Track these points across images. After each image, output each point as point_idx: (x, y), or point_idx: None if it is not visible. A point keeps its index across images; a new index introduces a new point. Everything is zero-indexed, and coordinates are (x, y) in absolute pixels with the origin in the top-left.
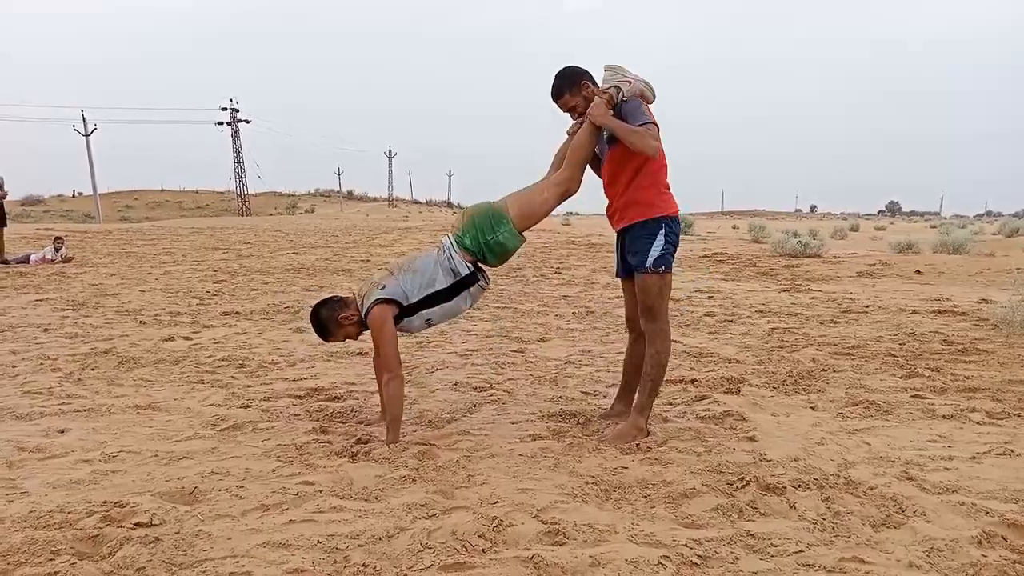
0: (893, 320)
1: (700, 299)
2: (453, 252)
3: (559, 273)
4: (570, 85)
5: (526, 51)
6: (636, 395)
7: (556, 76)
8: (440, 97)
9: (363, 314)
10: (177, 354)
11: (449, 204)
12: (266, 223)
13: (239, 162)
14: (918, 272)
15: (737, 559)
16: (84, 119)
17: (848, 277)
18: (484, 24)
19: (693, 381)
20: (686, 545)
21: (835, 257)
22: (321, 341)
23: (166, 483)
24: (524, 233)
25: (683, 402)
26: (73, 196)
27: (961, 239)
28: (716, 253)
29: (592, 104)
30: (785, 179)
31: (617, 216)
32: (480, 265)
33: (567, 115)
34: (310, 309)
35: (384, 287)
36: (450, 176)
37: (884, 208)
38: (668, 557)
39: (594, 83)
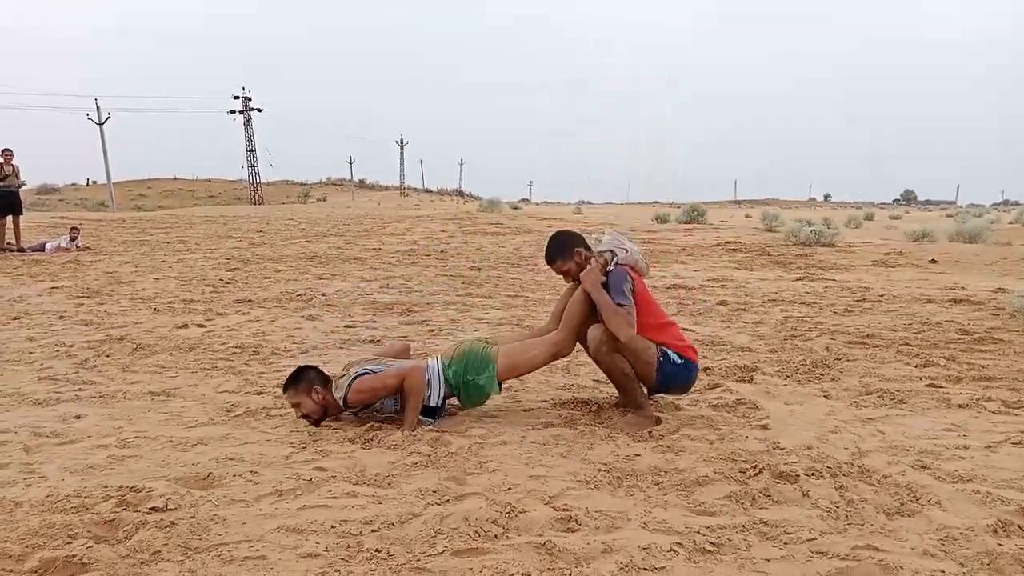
0: (908, 309)
1: (713, 287)
2: (436, 375)
3: None
4: (562, 252)
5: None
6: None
7: (550, 241)
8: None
9: (341, 400)
10: (191, 341)
11: (460, 193)
12: (278, 211)
13: (251, 150)
14: (933, 261)
15: (750, 546)
16: (98, 107)
17: (862, 266)
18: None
19: (706, 369)
20: (699, 532)
21: (849, 246)
22: (282, 389)
23: (181, 468)
24: (502, 384)
25: (696, 390)
26: (87, 185)
27: (977, 228)
28: (729, 242)
29: (585, 271)
30: (799, 167)
31: None
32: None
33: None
34: (300, 366)
35: (359, 371)
36: (461, 165)
37: (899, 197)
38: (680, 544)
39: (587, 248)
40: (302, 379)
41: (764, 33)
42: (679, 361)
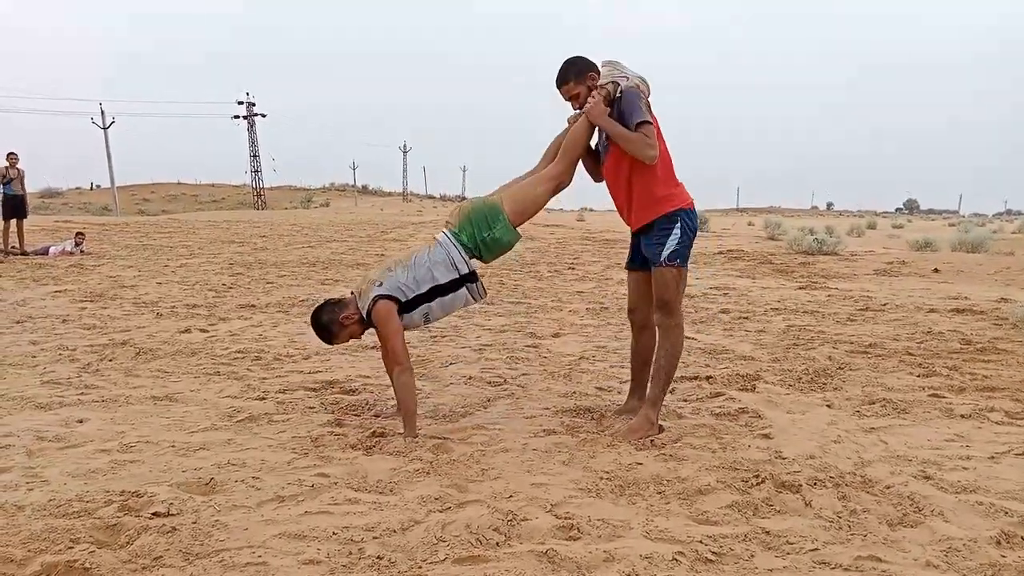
0: (911, 319)
1: (715, 296)
2: (452, 248)
3: (573, 268)
4: (576, 73)
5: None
6: (648, 388)
7: (564, 62)
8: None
9: (364, 312)
10: (194, 346)
11: (463, 199)
12: (281, 217)
13: (255, 156)
14: (936, 270)
15: (752, 556)
16: (103, 112)
17: (865, 275)
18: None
19: (708, 378)
20: (701, 542)
21: (852, 255)
22: (327, 345)
23: (183, 473)
24: (519, 228)
25: (698, 399)
26: (91, 189)
27: (980, 237)
28: (731, 250)
29: (590, 102)
30: (801, 176)
31: (632, 218)
32: (475, 271)
33: (567, 104)
34: (310, 317)
35: (381, 284)
36: (464, 170)
37: (902, 206)
38: (683, 553)
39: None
40: (331, 324)
41: (762, 33)
42: (677, 236)
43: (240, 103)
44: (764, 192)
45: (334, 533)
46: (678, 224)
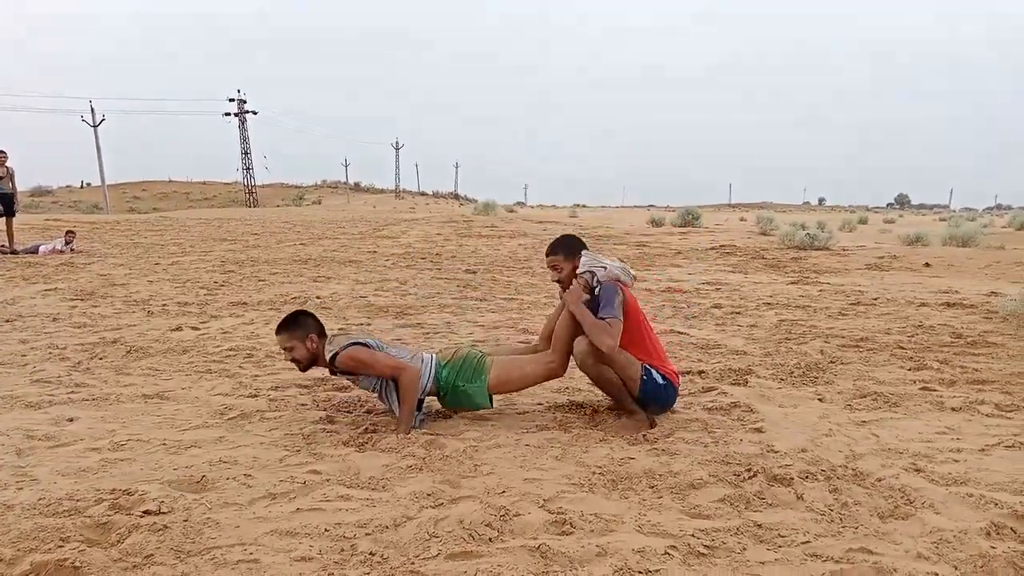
0: (902, 313)
1: (707, 291)
2: (429, 371)
3: None
4: (567, 252)
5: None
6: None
7: (559, 238)
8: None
9: (328, 356)
10: (185, 344)
11: (456, 196)
12: (273, 214)
13: (246, 153)
14: (927, 265)
15: (744, 549)
16: (92, 110)
17: (856, 270)
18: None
19: (700, 372)
20: (693, 535)
21: (843, 249)
22: (276, 330)
23: (174, 471)
24: (492, 398)
25: (690, 393)
26: (81, 187)
27: (970, 232)
28: (724, 245)
29: (568, 290)
30: (793, 171)
31: None
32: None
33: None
34: (297, 309)
35: (358, 335)
36: (457, 167)
37: (893, 201)
38: (675, 547)
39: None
40: (299, 325)
41: (757, 32)
42: (661, 381)
43: (231, 100)
44: (756, 188)
45: (326, 530)
46: (667, 382)
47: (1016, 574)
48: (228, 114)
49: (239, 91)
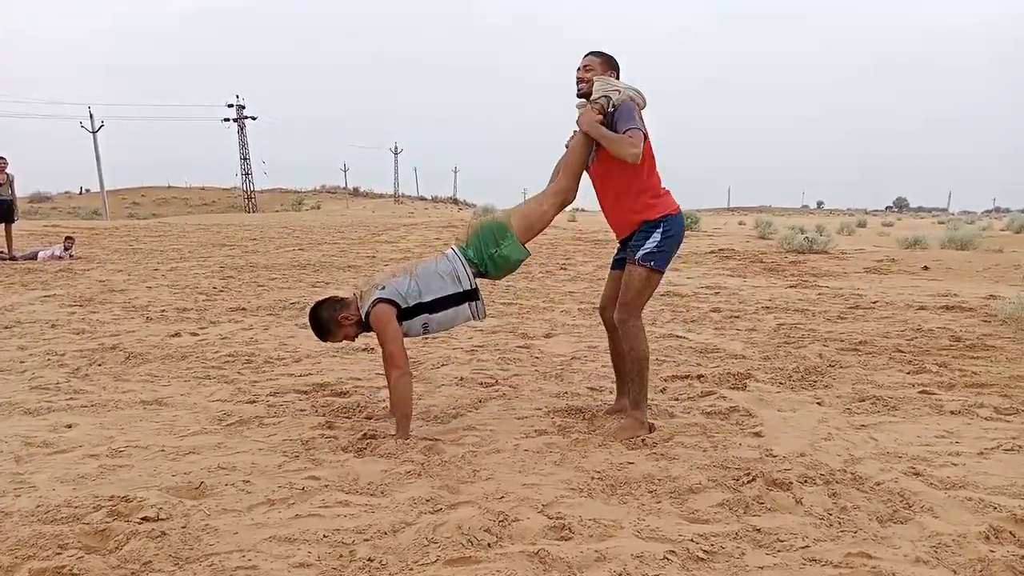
0: (900, 316)
1: (706, 295)
2: (458, 262)
3: (565, 269)
4: (605, 60)
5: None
6: (628, 392)
7: (601, 51)
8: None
9: (364, 314)
10: (184, 350)
11: (455, 200)
12: (272, 219)
13: (245, 159)
14: (926, 268)
15: (743, 554)
16: (91, 116)
17: (855, 273)
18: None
19: (699, 377)
20: (692, 540)
21: (842, 253)
22: (319, 341)
23: (173, 478)
24: (527, 245)
25: (689, 397)
26: (80, 193)
27: (969, 235)
28: (722, 249)
29: (581, 113)
30: (792, 175)
31: (617, 230)
32: (478, 288)
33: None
34: (309, 310)
35: (384, 288)
36: (456, 172)
37: (891, 204)
38: (674, 552)
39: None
40: (328, 321)
41: (755, 36)
42: (657, 240)
43: (230, 106)
44: (755, 191)
45: (325, 536)
46: (659, 229)
47: None
48: (227, 120)
49: (238, 96)
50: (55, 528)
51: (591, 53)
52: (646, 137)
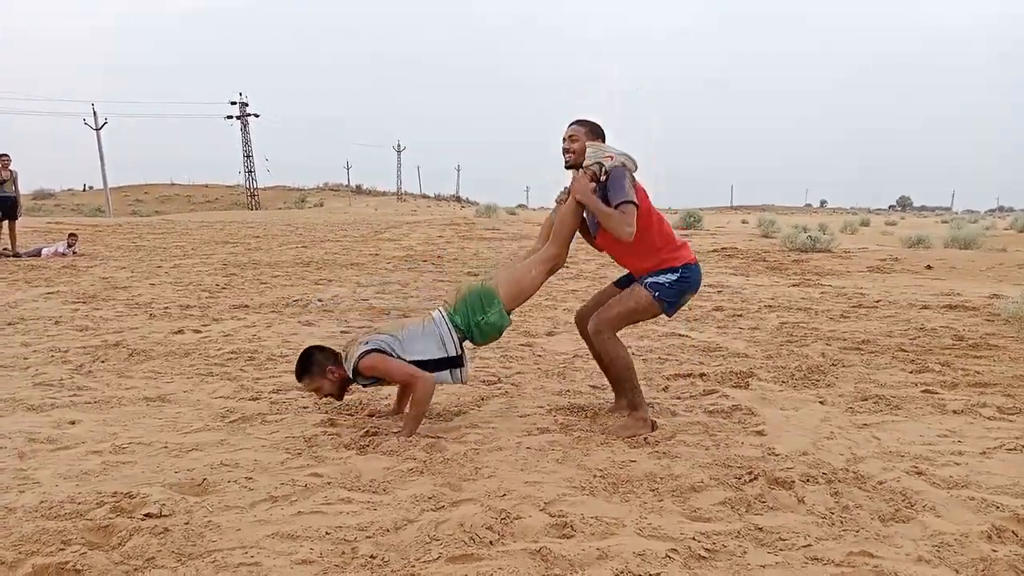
0: (903, 315)
1: (709, 293)
2: (444, 326)
3: (567, 267)
4: (590, 129)
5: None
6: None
7: (585, 119)
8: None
9: (350, 372)
10: (187, 347)
11: (458, 198)
12: (275, 217)
13: (248, 156)
14: (929, 267)
15: (745, 553)
16: (95, 113)
17: (858, 272)
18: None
19: (702, 375)
20: (694, 538)
21: (845, 252)
22: (296, 378)
23: (176, 474)
24: (511, 314)
25: (691, 396)
26: (84, 190)
27: (972, 234)
28: (725, 247)
29: (574, 179)
30: (794, 175)
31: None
32: (463, 351)
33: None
34: (305, 347)
35: (367, 342)
36: (459, 170)
37: (895, 203)
38: (676, 550)
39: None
40: (314, 364)
41: (757, 36)
42: (672, 279)
43: (233, 103)
44: (757, 191)
45: (327, 533)
46: (678, 273)
47: None
48: (230, 117)
49: (241, 94)
50: (58, 524)
51: (575, 123)
52: (641, 203)
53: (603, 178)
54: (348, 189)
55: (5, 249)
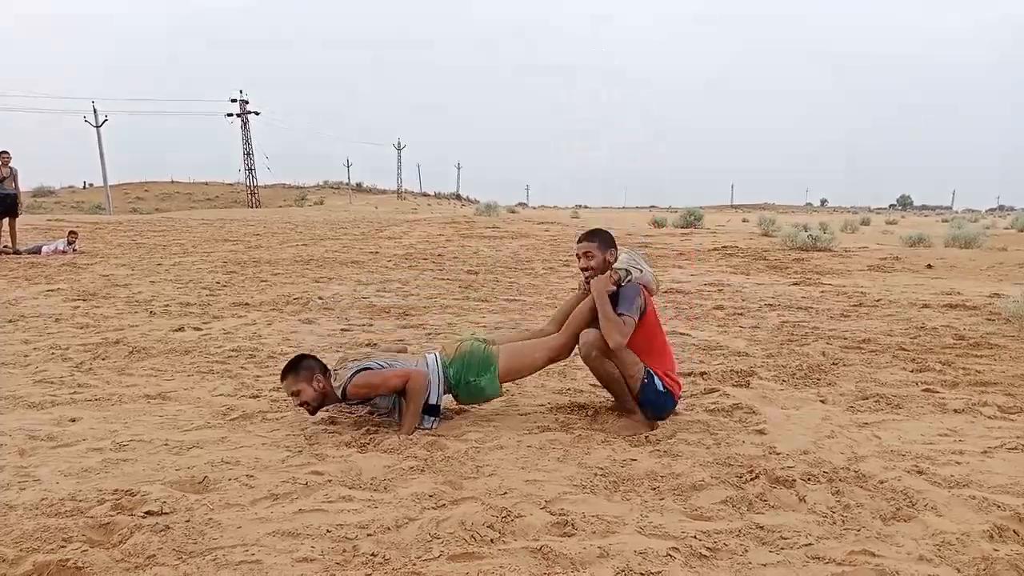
0: (904, 314)
1: (709, 292)
2: (437, 374)
3: (568, 266)
4: (603, 242)
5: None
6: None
7: (595, 230)
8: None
9: (340, 392)
10: (187, 344)
11: (458, 196)
12: (275, 215)
13: (248, 154)
14: (929, 266)
15: (746, 551)
16: (95, 110)
17: (858, 271)
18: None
19: (703, 374)
20: (695, 537)
21: (845, 251)
22: (279, 379)
23: (176, 472)
24: (503, 386)
25: (692, 395)
26: (84, 187)
27: (973, 233)
28: (726, 246)
29: (597, 278)
30: (795, 173)
31: None
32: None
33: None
34: (298, 353)
35: (358, 361)
36: (459, 168)
37: (895, 202)
38: (677, 549)
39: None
40: (302, 367)
41: (756, 34)
42: (661, 389)
43: (234, 101)
44: (758, 190)
45: (328, 531)
46: (669, 393)
47: None
48: (230, 115)
49: (241, 92)
50: (59, 521)
51: (586, 238)
52: (647, 315)
53: (624, 284)
54: (348, 187)
55: (5, 247)
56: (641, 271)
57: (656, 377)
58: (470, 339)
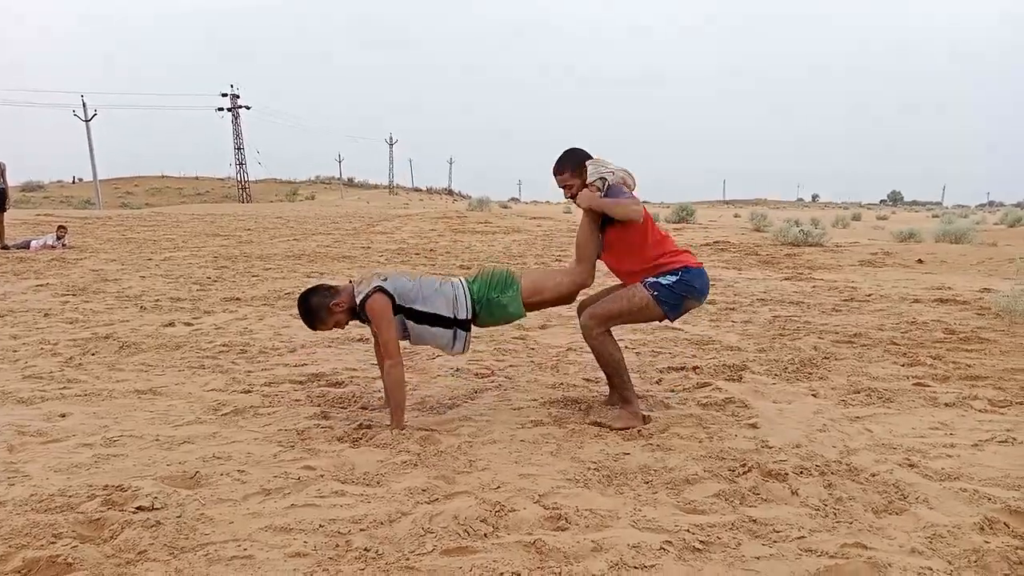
0: (895, 309)
1: None
2: (461, 290)
3: (561, 261)
4: (573, 165)
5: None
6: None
7: (563, 153)
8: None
9: (359, 300)
10: (178, 339)
11: (450, 192)
12: (267, 210)
13: (239, 148)
14: (920, 261)
15: (739, 544)
16: (84, 104)
17: (850, 266)
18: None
19: (695, 368)
20: (688, 530)
21: (837, 246)
22: (312, 336)
23: (167, 467)
24: (526, 310)
25: (685, 389)
26: (73, 182)
27: (963, 228)
28: (718, 241)
29: (580, 194)
30: (787, 168)
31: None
32: (470, 323)
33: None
34: (298, 298)
35: (387, 279)
36: (451, 163)
37: (886, 197)
38: (670, 542)
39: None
40: (319, 308)
41: (751, 33)
42: (672, 280)
43: (224, 95)
44: (750, 184)
45: (320, 526)
46: (677, 275)
47: (1010, 568)
48: (221, 109)
49: (232, 86)
50: (49, 517)
51: (557, 171)
52: (646, 215)
53: (607, 187)
54: (340, 182)
55: None
56: (613, 172)
57: (657, 278)
58: (492, 266)
